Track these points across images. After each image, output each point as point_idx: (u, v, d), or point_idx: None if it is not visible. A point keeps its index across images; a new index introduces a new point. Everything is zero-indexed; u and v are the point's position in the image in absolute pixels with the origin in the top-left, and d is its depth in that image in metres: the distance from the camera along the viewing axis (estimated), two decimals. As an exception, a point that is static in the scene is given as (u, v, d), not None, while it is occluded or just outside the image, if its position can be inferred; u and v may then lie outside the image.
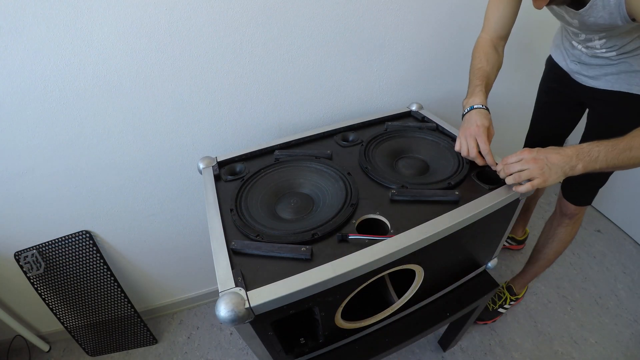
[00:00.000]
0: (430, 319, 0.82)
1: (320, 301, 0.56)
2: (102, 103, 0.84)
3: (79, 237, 1.05)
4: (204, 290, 1.40)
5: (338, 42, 0.94)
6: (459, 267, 0.81)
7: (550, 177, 0.64)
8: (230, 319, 0.48)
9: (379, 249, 0.56)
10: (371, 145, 0.82)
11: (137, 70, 0.81)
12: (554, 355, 1.15)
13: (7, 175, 0.89)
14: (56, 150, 0.88)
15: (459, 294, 0.87)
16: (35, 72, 0.76)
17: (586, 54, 0.83)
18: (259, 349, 0.60)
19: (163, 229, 1.14)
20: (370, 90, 1.07)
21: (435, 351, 1.19)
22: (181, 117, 0.92)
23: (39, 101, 0.80)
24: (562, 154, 0.64)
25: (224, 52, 0.85)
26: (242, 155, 0.83)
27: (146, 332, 1.25)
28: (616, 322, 1.23)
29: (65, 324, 1.18)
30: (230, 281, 0.52)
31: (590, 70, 0.85)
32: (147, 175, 1.01)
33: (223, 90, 0.91)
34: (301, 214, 0.68)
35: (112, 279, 1.12)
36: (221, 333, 1.31)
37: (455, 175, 0.72)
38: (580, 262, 1.45)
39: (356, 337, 0.76)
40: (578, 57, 0.87)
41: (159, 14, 0.76)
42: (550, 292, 1.34)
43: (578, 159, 0.63)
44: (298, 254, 0.56)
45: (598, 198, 0.98)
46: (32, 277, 1.07)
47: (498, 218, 0.72)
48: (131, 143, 0.93)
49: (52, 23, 0.71)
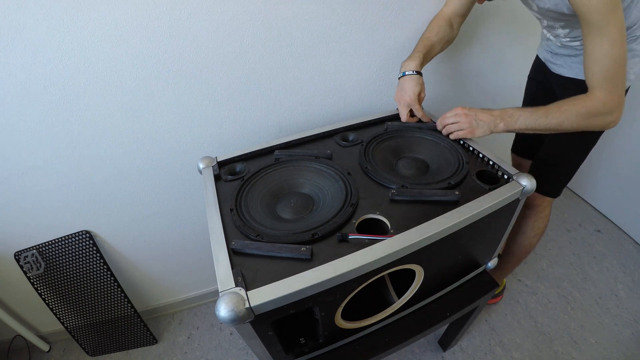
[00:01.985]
0: (430, 319, 0.82)
1: (320, 301, 0.56)
2: (103, 103, 0.84)
3: (79, 237, 1.05)
4: (204, 290, 1.40)
5: (338, 42, 0.94)
6: (459, 267, 0.81)
7: (477, 130, 0.76)
8: (230, 319, 0.48)
9: (379, 249, 0.55)
10: (371, 145, 0.82)
11: (137, 70, 0.81)
12: (554, 355, 1.15)
13: (7, 175, 0.89)
14: (56, 151, 0.88)
15: (459, 294, 0.87)
16: (35, 72, 0.76)
17: (555, 43, 0.87)
18: (259, 349, 0.60)
19: (163, 229, 1.14)
20: (370, 90, 1.07)
21: (435, 351, 1.19)
22: (181, 117, 0.92)
23: (39, 101, 0.80)
24: (489, 113, 0.76)
25: (224, 52, 0.85)
26: (242, 155, 0.83)
27: (146, 332, 1.25)
28: (616, 322, 1.23)
29: (65, 324, 1.18)
30: (230, 281, 0.52)
31: (558, 58, 0.89)
32: (147, 175, 1.01)
33: (223, 90, 0.91)
34: (301, 214, 0.68)
35: (112, 279, 1.12)
36: (221, 333, 1.31)
37: (455, 175, 0.72)
38: (580, 262, 1.45)
39: (356, 337, 0.76)
40: (550, 46, 0.91)
41: (159, 13, 0.76)
42: (550, 292, 1.34)
43: (501, 118, 0.74)
44: (298, 254, 0.56)
45: (598, 198, 0.99)
46: (32, 277, 1.07)
47: (498, 218, 0.72)
48: (131, 143, 0.93)
49: (52, 23, 0.71)
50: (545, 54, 0.95)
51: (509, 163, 0.73)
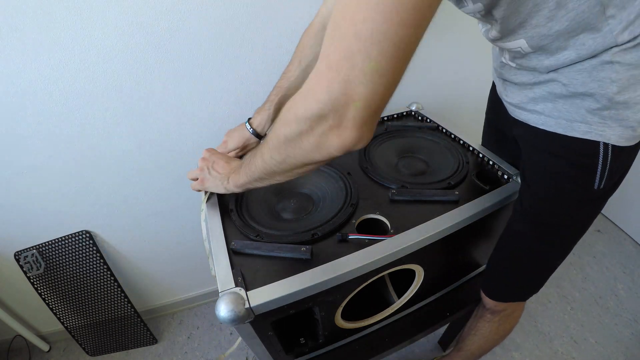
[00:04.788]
0: (430, 319, 0.82)
1: (320, 301, 0.56)
2: (102, 103, 0.84)
3: (79, 237, 1.05)
4: (204, 290, 1.39)
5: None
6: (459, 267, 0.81)
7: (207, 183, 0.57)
8: (230, 319, 0.48)
9: (379, 249, 0.55)
10: (371, 145, 0.82)
11: (136, 70, 0.81)
12: (554, 355, 1.15)
13: (8, 175, 0.89)
14: (56, 151, 0.88)
15: (459, 293, 0.86)
16: (35, 72, 0.76)
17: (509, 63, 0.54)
18: (259, 349, 0.60)
19: (163, 229, 1.14)
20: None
21: (435, 351, 1.19)
22: (181, 117, 0.92)
23: (39, 101, 0.79)
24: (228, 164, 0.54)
25: (224, 52, 0.85)
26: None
27: (146, 332, 1.25)
28: (616, 322, 1.23)
29: (65, 324, 1.18)
30: (230, 281, 0.52)
31: (512, 92, 0.56)
32: (148, 175, 1.01)
33: (223, 89, 0.91)
34: (301, 214, 0.68)
35: (112, 279, 1.12)
36: (221, 333, 1.31)
37: (455, 175, 0.72)
38: (580, 262, 1.45)
39: (356, 337, 0.76)
40: (500, 68, 0.58)
41: (159, 13, 0.76)
42: (550, 292, 1.34)
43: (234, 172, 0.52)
44: (298, 253, 0.56)
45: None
46: (32, 277, 1.07)
47: (498, 218, 0.72)
48: (131, 143, 0.93)
49: (52, 23, 0.71)
50: (498, 82, 0.63)
51: (509, 163, 0.73)
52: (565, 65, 0.44)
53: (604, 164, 0.47)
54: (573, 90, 0.45)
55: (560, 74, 0.45)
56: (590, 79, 0.42)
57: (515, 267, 0.66)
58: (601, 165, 0.47)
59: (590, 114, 0.45)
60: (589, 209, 0.55)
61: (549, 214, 0.56)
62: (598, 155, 0.47)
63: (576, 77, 0.44)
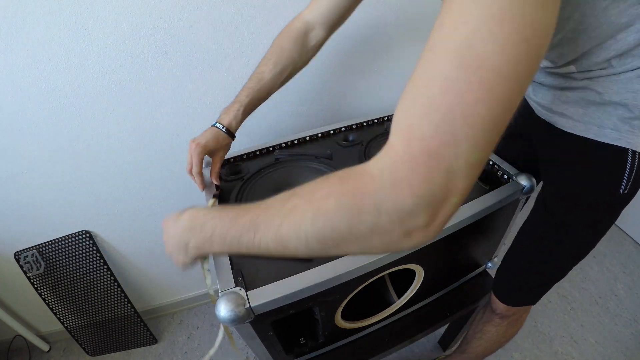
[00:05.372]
0: (430, 319, 0.82)
1: (320, 301, 0.56)
2: (102, 103, 0.84)
3: (79, 237, 1.05)
4: (204, 290, 1.39)
5: (338, 42, 0.94)
6: (459, 267, 0.81)
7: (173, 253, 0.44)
8: (230, 319, 0.48)
9: (379, 249, 0.55)
10: (371, 145, 0.82)
11: (136, 70, 0.81)
12: (554, 355, 1.15)
13: (7, 175, 0.89)
14: (56, 151, 0.88)
15: (459, 293, 0.86)
16: (35, 72, 0.76)
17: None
18: (259, 349, 0.60)
19: (163, 229, 1.14)
20: (370, 90, 1.07)
21: (435, 351, 1.19)
22: (181, 117, 0.92)
23: (39, 101, 0.80)
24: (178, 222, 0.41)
25: (224, 52, 0.85)
26: (242, 155, 0.83)
27: (146, 332, 1.25)
28: (616, 322, 1.23)
29: (65, 324, 1.18)
30: (231, 281, 0.52)
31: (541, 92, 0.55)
32: (148, 175, 1.01)
33: (223, 90, 0.91)
34: (301, 214, 0.68)
35: (112, 279, 1.12)
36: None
37: (455, 175, 0.71)
38: (581, 262, 1.44)
39: (356, 337, 0.76)
40: None
41: (159, 13, 0.76)
42: (550, 292, 1.33)
43: (191, 232, 0.40)
44: (298, 254, 0.55)
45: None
46: (32, 277, 1.07)
47: (498, 218, 0.71)
48: (131, 143, 0.93)
49: (52, 23, 0.71)
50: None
51: (508, 163, 0.72)
52: (602, 76, 0.45)
53: (631, 169, 0.49)
54: (608, 98, 0.46)
55: (595, 82, 0.46)
56: (625, 90, 0.44)
57: (533, 271, 0.66)
58: (628, 171, 0.49)
59: (621, 122, 0.46)
60: (612, 212, 0.56)
61: (573, 216, 0.56)
62: (626, 161, 0.48)
63: (611, 86, 0.45)
